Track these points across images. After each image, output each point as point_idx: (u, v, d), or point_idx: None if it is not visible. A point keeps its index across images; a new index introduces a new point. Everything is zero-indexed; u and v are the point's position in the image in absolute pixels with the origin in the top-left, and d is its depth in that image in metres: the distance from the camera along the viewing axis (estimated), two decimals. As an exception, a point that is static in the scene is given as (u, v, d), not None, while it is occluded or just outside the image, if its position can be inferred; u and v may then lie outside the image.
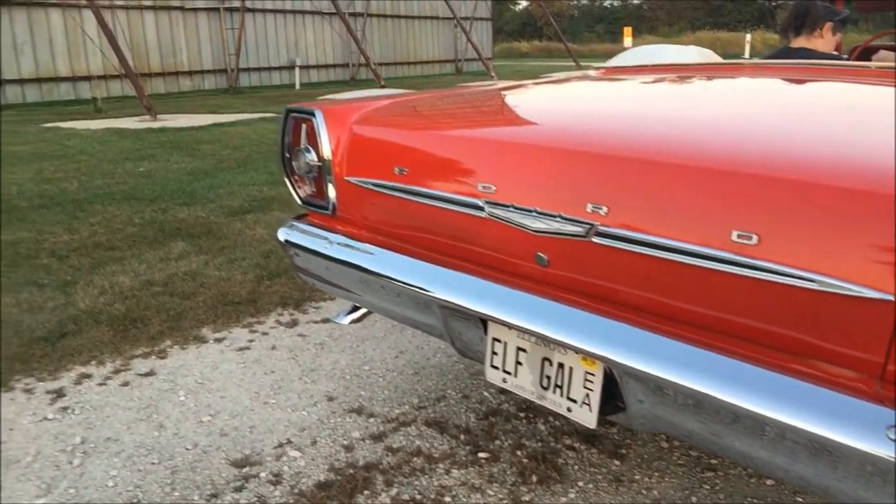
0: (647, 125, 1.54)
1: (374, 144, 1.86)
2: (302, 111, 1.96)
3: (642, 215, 1.30)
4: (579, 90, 2.17)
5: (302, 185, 2.03)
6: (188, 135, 9.50)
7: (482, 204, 1.53)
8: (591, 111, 1.75)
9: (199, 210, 5.13)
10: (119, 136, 9.41)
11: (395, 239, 1.82)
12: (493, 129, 1.78)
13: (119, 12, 16.33)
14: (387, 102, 2.05)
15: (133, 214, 4.99)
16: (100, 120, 11.98)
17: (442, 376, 2.50)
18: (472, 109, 2.08)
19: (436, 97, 2.25)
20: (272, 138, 9.07)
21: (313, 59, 22.51)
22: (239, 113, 12.86)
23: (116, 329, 2.92)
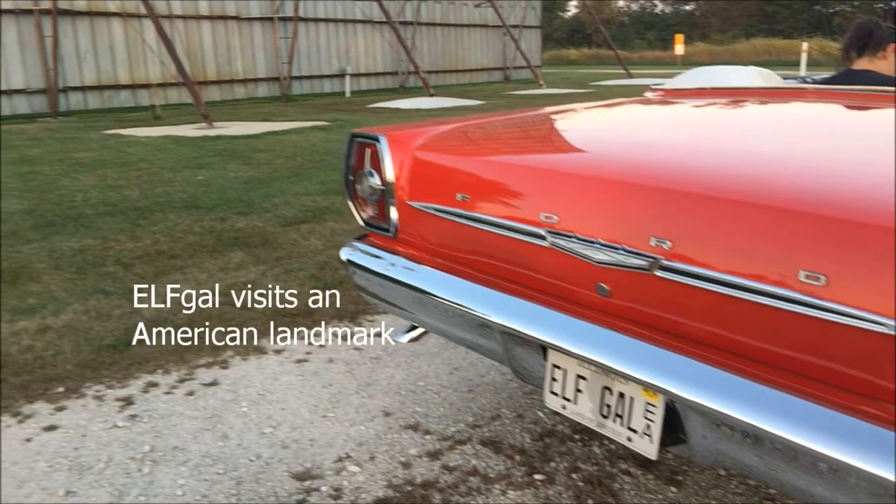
0: (712, 158, 1.55)
1: (436, 170, 1.91)
2: (366, 136, 2.02)
3: (707, 251, 1.31)
4: (640, 116, 2.18)
5: (364, 206, 2.09)
6: (243, 143, 9.72)
7: (544, 233, 1.56)
8: (654, 141, 1.76)
9: (255, 219, 5.26)
10: (177, 144, 9.69)
11: (455, 262, 1.86)
12: (555, 158, 1.81)
13: (177, 22, 16.81)
14: (449, 128, 2.10)
15: (193, 223, 5.14)
16: (159, 127, 12.36)
17: (496, 394, 2.53)
18: (533, 136, 2.11)
19: (497, 122, 2.28)
20: (323, 147, 9.24)
21: (363, 67, 22.79)
22: (291, 121, 13.11)
23: (181, 338, 3.02)
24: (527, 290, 1.66)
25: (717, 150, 1.62)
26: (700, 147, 1.66)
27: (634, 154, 1.65)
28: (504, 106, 16.12)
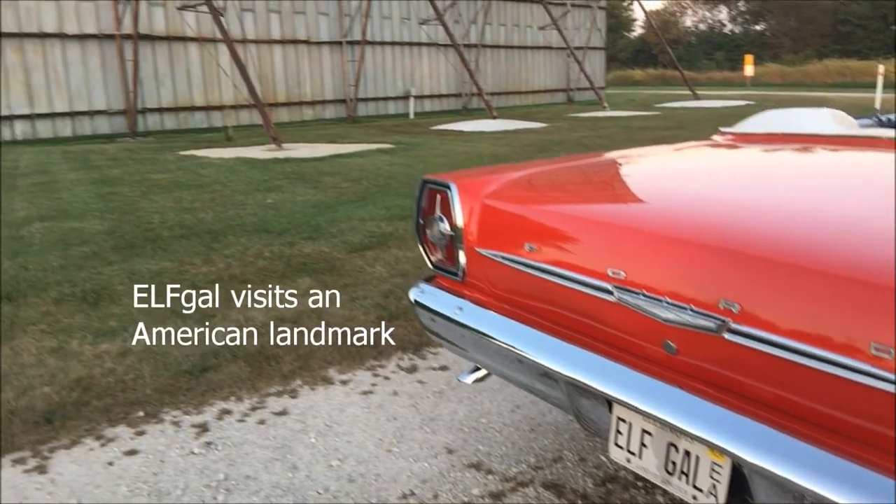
0: (784, 218, 1.55)
1: (505, 218, 1.96)
2: (438, 182, 2.08)
3: (777, 317, 1.31)
4: (709, 165, 2.18)
5: (434, 250, 2.15)
6: (311, 166, 9.99)
7: (611, 288, 1.59)
8: (723, 195, 1.77)
9: (322, 245, 5.40)
10: (248, 166, 10.02)
11: (522, 309, 1.89)
12: (623, 211, 1.83)
13: (251, 46, 17.42)
14: (518, 175, 2.14)
15: (263, 247, 5.31)
16: (231, 148, 12.80)
17: (558, 435, 2.54)
18: (601, 185, 2.14)
19: (566, 169, 2.32)
20: (387, 171, 9.41)
21: (427, 89, 23.12)
22: (356, 143, 13.39)
23: (252, 366, 3.14)
24: (593, 341, 1.69)
25: (789, 209, 1.62)
26: (772, 205, 1.66)
27: (703, 210, 1.67)
28: (567, 129, 16.10)
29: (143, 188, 8.10)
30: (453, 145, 12.76)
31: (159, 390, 2.90)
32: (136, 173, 9.38)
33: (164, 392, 2.89)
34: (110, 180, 8.75)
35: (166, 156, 11.68)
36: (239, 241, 5.51)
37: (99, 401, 2.80)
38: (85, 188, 8.19)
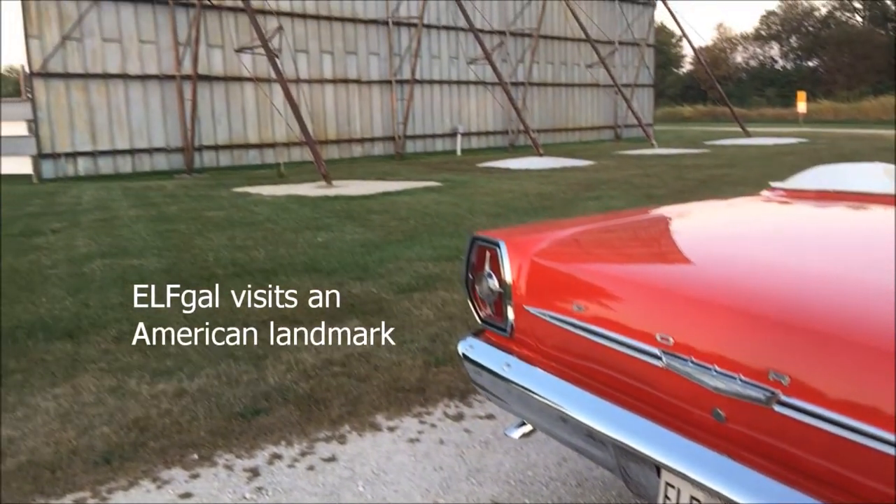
0: (836, 289, 1.54)
1: (554, 277, 1.99)
2: (487, 240, 2.13)
3: (829, 391, 1.31)
4: (759, 225, 2.18)
5: (482, 306, 2.19)
6: (359, 204, 10.17)
7: (659, 353, 1.60)
8: (774, 261, 1.77)
9: (370, 285, 5.49)
10: (299, 204, 10.25)
11: (570, 368, 1.91)
12: (671, 274, 1.85)
13: (303, 85, 17.92)
14: (567, 234, 2.18)
15: (313, 287, 5.41)
16: (282, 185, 13.12)
17: (605, 491, 2.53)
18: (650, 245, 2.16)
19: (615, 227, 2.34)
20: (434, 210, 9.52)
21: (474, 126, 23.37)
22: (405, 181, 13.58)
23: (302, 409, 3.20)
24: (642, 404, 1.70)
25: (843, 278, 1.61)
26: (824, 273, 1.65)
27: (753, 277, 1.67)
28: (614, 167, 16.06)
29: (198, 225, 8.35)
30: (500, 183, 12.84)
31: (213, 432, 2.98)
32: (192, 210, 9.68)
33: (218, 434, 2.97)
34: (168, 217, 9.04)
35: (221, 193, 12.03)
36: (290, 281, 5.63)
37: (155, 442, 2.89)
38: (144, 225, 8.48)
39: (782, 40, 58.10)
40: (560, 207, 9.51)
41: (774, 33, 58.27)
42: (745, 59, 60.50)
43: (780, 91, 49.13)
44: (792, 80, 49.87)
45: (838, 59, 49.40)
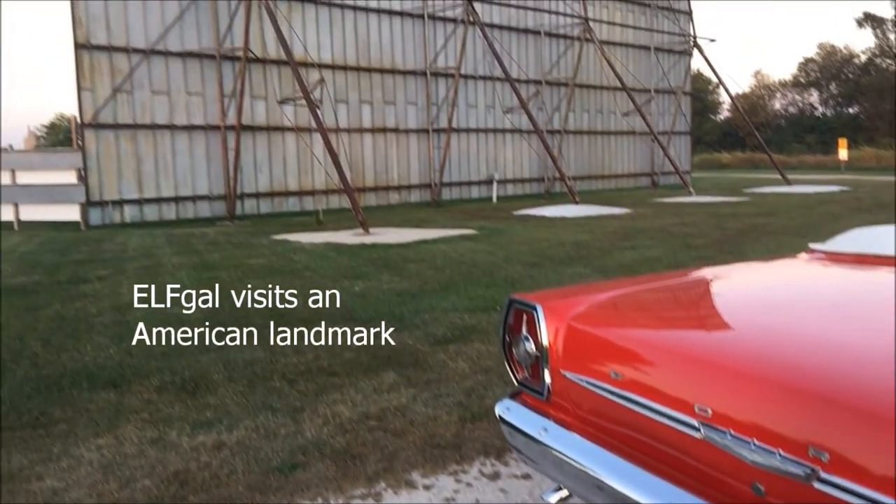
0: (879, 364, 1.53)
1: (591, 342, 2.00)
2: (524, 303, 2.16)
3: (870, 470, 1.30)
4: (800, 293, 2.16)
5: (519, 368, 2.20)
6: (396, 252, 10.27)
7: (697, 425, 1.60)
8: (815, 332, 1.75)
9: (406, 336, 5.51)
10: (337, 252, 10.40)
11: (607, 435, 1.91)
12: (710, 342, 1.85)
13: (343, 135, 18.31)
14: (605, 297, 2.19)
15: (350, 337, 5.46)
16: (321, 233, 13.33)
17: (644, 558, 2.48)
18: (689, 310, 2.16)
19: (653, 290, 2.35)
20: (470, 258, 9.56)
21: (510, 173, 23.55)
22: (441, 228, 13.69)
23: (338, 465, 3.22)
24: (679, 474, 1.69)
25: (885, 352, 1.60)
26: (866, 346, 1.64)
27: (793, 348, 1.67)
28: (651, 215, 15.98)
29: (239, 273, 8.50)
30: (535, 232, 12.87)
31: (251, 487, 3.01)
32: (233, 258, 9.87)
33: (256, 489, 2.99)
34: (209, 265, 9.24)
35: (261, 240, 12.26)
36: (328, 331, 5.69)
37: (195, 496, 2.93)
38: (186, 273, 8.67)
39: (822, 87, 57.70)
40: (596, 257, 9.49)
41: (813, 80, 57.94)
42: (784, 106, 60.15)
43: (820, 138, 48.60)
44: (832, 127, 49.34)
45: (879, 106, 48.79)
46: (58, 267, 9.24)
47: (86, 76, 15.13)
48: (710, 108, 58.64)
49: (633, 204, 19.20)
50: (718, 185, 28.49)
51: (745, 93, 54.09)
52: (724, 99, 55.90)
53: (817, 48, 58.90)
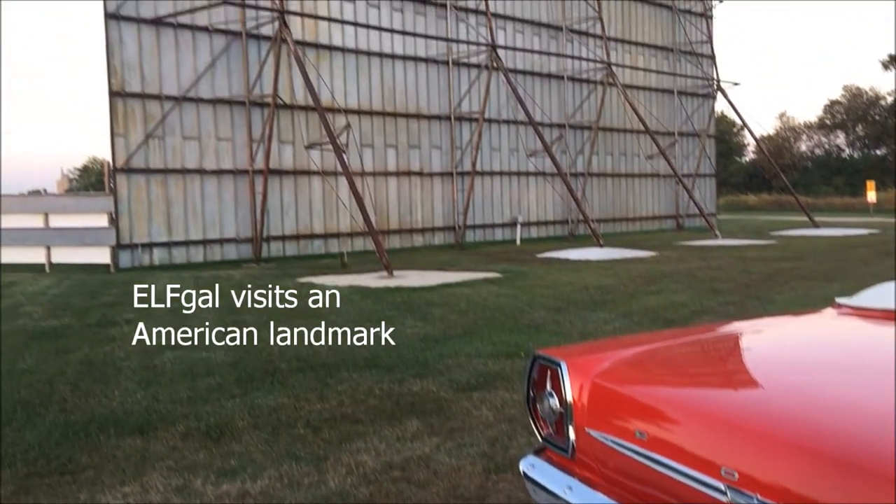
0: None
1: (616, 400, 2.00)
2: (548, 359, 2.16)
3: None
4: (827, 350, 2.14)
5: (544, 425, 2.20)
6: (420, 296, 10.29)
7: (724, 489, 1.58)
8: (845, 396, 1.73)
9: (430, 382, 5.50)
10: (361, 296, 10.44)
11: (633, 495, 1.89)
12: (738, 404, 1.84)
13: (368, 178, 18.54)
14: (630, 354, 2.19)
15: (374, 384, 5.48)
16: (345, 275, 13.41)
17: None
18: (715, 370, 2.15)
19: (680, 347, 2.33)
20: (494, 303, 9.55)
21: (534, 216, 23.60)
22: (464, 271, 13.71)
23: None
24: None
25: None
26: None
27: (821, 411, 1.65)
28: (676, 258, 15.88)
29: (264, 317, 8.55)
30: (559, 275, 12.83)
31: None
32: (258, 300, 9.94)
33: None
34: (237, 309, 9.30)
35: (286, 283, 12.34)
36: (351, 377, 5.71)
37: (218, 547, 2.93)
38: (213, 315, 8.75)
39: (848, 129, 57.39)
40: (621, 302, 9.43)
41: (839, 122, 57.68)
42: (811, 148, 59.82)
43: (848, 180, 48.16)
44: (860, 169, 48.88)
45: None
46: (87, 310, 9.38)
47: (119, 123, 15.55)
48: (735, 150, 58.50)
49: (657, 247, 19.10)
50: (745, 228, 28.27)
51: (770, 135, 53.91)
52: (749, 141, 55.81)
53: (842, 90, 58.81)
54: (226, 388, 5.40)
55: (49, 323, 8.37)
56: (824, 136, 58.95)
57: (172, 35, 16.17)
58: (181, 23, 16.20)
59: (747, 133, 39.84)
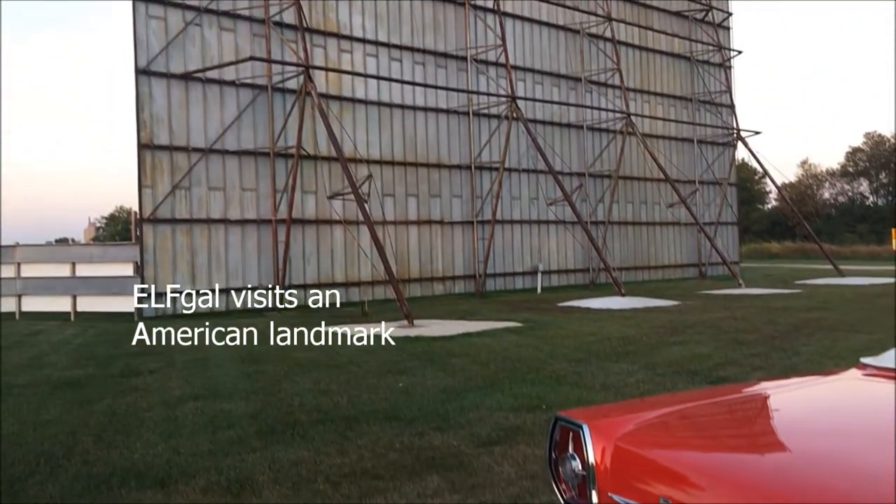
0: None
1: (638, 464, 1.98)
2: (570, 421, 2.15)
3: None
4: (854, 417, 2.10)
5: (566, 487, 2.17)
6: (440, 346, 10.26)
7: (752, 559, 1.56)
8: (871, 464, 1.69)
9: (450, 436, 5.45)
10: (381, 345, 10.43)
11: (658, 563, 1.86)
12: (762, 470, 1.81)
13: (389, 227, 18.70)
14: (655, 415, 2.17)
15: (394, 438, 5.43)
16: (365, 324, 13.41)
17: None
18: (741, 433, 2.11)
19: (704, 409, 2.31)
20: (515, 353, 9.50)
21: (555, 264, 23.57)
22: (485, 320, 13.67)
23: (381, 578, 3.16)
24: None
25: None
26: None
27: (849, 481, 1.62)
28: (700, 308, 15.72)
29: (285, 367, 8.58)
30: (581, 325, 12.75)
31: None
32: (279, 350, 9.97)
33: None
34: (256, 358, 9.35)
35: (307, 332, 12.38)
36: (371, 430, 5.67)
37: None
38: (234, 366, 8.81)
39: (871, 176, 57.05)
40: (643, 353, 9.33)
41: (862, 169, 57.38)
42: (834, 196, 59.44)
43: (872, 227, 47.64)
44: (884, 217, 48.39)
45: (933, 194, 47.89)
46: (111, 359, 9.46)
47: (147, 174, 15.90)
48: (756, 198, 58.28)
49: (680, 296, 18.93)
50: (769, 277, 27.97)
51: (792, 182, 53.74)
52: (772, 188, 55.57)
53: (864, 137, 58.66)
54: (246, 441, 5.39)
55: (73, 373, 8.45)
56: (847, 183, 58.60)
57: (201, 89, 16.63)
58: (209, 77, 16.68)
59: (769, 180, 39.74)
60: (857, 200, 57.36)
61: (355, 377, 7.93)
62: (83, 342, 11.72)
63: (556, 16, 24.23)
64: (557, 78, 24.21)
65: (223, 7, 16.99)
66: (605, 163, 25.27)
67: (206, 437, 5.49)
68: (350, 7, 19.18)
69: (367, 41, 19.44)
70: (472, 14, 21.68)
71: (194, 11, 16.56)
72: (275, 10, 17.60)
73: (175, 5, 16.37)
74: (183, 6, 16.46)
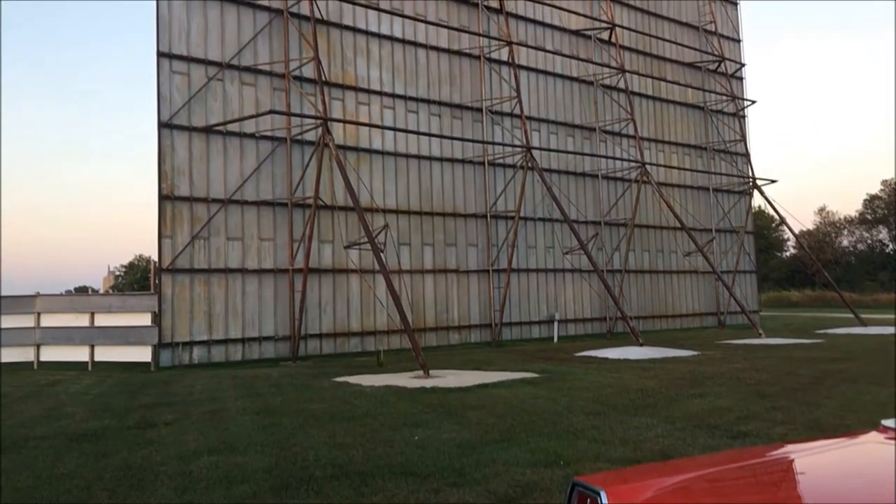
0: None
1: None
2: (588, 487, 2.13)
3: None
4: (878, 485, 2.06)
5: (586, 555, 2.14)
6: (456, 398, 10.16)
7: None
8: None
9: (466, 493, 5.36)
10: (397, 397, 10.37)
11: None
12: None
13: (405, 276, 18.75)
14: (675, 481, 2.14)
15: (409, 493, 5.36)
16: (381, 375, 13.36)
17: None
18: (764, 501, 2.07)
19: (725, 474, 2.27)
20: (531, 406, 9.38)
21: (571, 313, 23.45)
22: (501, 371, 13.55)
23: None
24: None
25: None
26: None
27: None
28: (719, 359, 15.51)
29: (300, 419, 8.53)
30: (598, 376, 12.61)
31: None
32: (295, 402, 9.94)
33: None
34: (272, 410, 9.31)
35: (323, 383, 12.35)
36: (386, 486, 5.60)
37: None
38: (249, 418, 8.76)
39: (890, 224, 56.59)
40: (663, 406, 9.19)
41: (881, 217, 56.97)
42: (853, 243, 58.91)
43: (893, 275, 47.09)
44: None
45: (954, 242, 47.36)
46: (127, 411, 9.46)
47: (167, 225, 16.13)
48: (774, 246, 57.91)
49: (699, 346, 18.71)
50: (789, 326, 27.61)
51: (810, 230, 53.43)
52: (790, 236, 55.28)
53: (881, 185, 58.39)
54: (261, 496, 5.34)
55: (90, 425, 8.44)
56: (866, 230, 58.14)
57: (221, 142, 16.97)
58: (230, 130, 17.03)
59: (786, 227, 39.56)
60: (877, 248, 56.81)
61: (370, 430, 7.86)
62: (100, 392, 11.73)
63: (571, 68, 24.61)
64: (572, 128, 24.47)
65: (245, 62, 17.44)
66: (620, 211, 25.32)
67: (220, 493, 5.45)
68: (368, 61, 19.62)
69: (385, 94, 19.82)
70: (487, 67, 22.08)
71: (217, 67, 17.01)
72: (294, 66, 18.04)
73: (198, 61, 16.83)
74: (206, 62, 16.92)
